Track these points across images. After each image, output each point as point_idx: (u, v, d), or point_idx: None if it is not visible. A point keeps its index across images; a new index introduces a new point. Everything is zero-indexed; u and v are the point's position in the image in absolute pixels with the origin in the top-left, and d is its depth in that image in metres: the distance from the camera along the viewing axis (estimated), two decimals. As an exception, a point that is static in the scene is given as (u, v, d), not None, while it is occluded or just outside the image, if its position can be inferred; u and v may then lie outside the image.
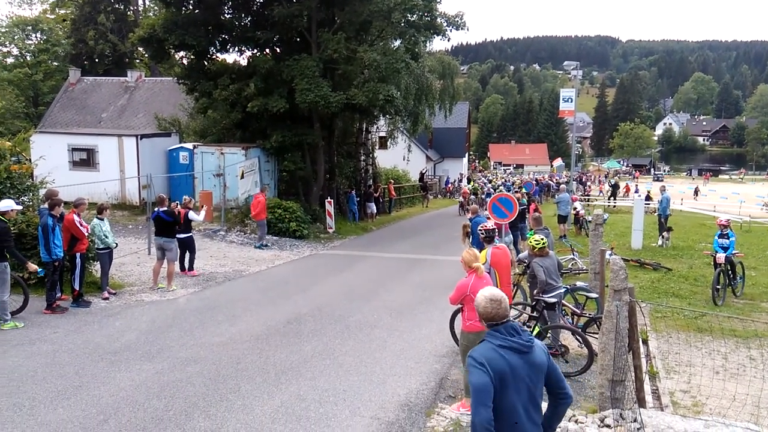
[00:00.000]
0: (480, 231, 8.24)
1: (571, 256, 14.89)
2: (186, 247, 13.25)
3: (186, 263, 13.40)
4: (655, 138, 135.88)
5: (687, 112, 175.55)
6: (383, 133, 30.69)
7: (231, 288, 12.43)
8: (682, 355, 8.45)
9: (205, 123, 23.37)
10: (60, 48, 46.53)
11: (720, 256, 11.84)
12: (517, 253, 13.36)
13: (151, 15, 39.27)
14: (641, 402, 6.26)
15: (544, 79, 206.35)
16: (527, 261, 9.33)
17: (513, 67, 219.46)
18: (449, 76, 31.10)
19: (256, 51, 21.43)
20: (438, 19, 21.34)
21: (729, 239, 12.09)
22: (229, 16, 21.42)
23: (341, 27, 19.84)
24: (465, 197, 31.84)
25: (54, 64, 47.41)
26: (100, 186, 18.02)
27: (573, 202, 21.58)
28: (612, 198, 37.23)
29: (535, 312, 8.40)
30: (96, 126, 29.44)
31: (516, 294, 10.03)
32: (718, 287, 11.59)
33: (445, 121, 36.88)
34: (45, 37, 48.12)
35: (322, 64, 19.30)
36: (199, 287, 12.30)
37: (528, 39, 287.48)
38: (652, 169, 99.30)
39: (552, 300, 8.10)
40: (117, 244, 11.63)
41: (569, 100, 29.22)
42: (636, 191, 44.99)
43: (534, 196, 31.27)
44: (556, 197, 26.75)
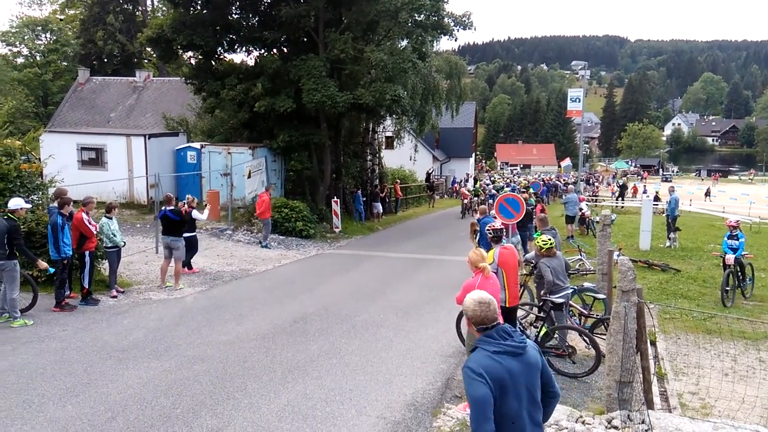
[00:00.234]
0: (488, 231, 8.23)
1: (579, 256, 14.85)
2: (189, 246, 13.29)
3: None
4: (664, 138, 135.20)
5: (696, 112, 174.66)
6: (390, 133, 30.63)
7: (238, 287, 12.48)
8: (690, 357, 8.40)
9: (213, 123, 23.48)
10: (69, 48, 46.86)
11: (729, 257, 11.77)
12: (525, 254, 13.33)
13: (160, 15, 39.47)
14: (649, 403, 6.23)
15: (551, 79, 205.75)
16: (534, 261, 9.31)
17: (520, 67, 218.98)
18: (456, 75, 31.02)
19: (263, 51, 21.49)
20: (445, 19, 21.30)
21: (738, 240, 12.02)
22: (237, 16, 21.49)
23: (348, 27, 19.87)
24: (466, 199, 29.67)
25: (63, 64, 47.75)
26: (108, 185, 18.15)
27: (580, 202, 21.49)
28: (620, 198, 37.07)
29: (542, 312, 8.38)
30: (104, 125, 29.60)
31: (523, 294, 10.01)
32: (727, 289, 11.53)
33: (452, 121, 36.79)
34: (54, 38, 48.48)
35: (329, 64, 19.32)
36: (206, 286, 12.35)
37: (535, 39, 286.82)
38: (660, 170, 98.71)
39: (559, 300, 8.08)
40: (125, 242, 11.71)
41: (577, 100, 29.18)
42: (644, 192, 44.80)
43: (541, 196, 31.15)
44: (563, 198, 26.69)
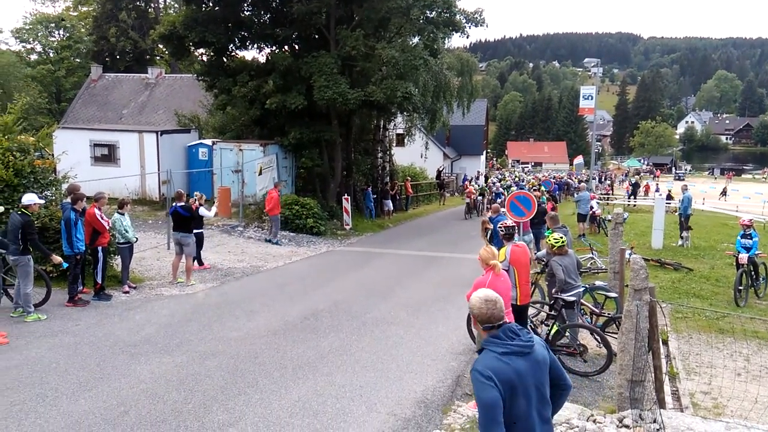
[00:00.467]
0: (500, 228, 8.22)
1: (590, 255, 14.78)
2: (196, 242, 13.32)
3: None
4: (677, 136, 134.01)
5: (710, 110, 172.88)
6: (401, 131, 30.54)
7: (249, 283, 12.53)
8: (703, 357, 8.34)
9: (224, 119, 23.57)
10: (82, 45, 47.27)
11: (742, 256, 11.67)
12: (537, 252, 13.29)
13: (172, 12, 39.69)
14: (661, 403, 6.19)
15: (563, 77, 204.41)
16: (546, 259, 9.28)
17: (532, 64, 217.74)
18: (467, 73, 30.87)
19: (274, 48, 21.52)
20: (457, 16, 21.24)
21: (752, 239, 11.92)
22: (249, 13, 21.53)
23: (360, 24, 19.86)
24: (471, 197, 28.02)
25: (76, 60, 48.18)
26: (120, 181, 18.28)
27: (591, 200, 21.37)
28: (632, 197, 36.83)
29: (554, 311, 8.35)
30: (117, 122, 29.81)
31: (534, 292, 9.98)
32: (740, 288, 11.44)
33: (463, 119, 36.60)
34: (68, 34, 48.93)
35: (340, 61, 19.32)
36: (218, 282, 12.42)
37: (547, 36, 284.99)
38: (673, 168, 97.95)
39: (571, 299, 8.05)
40: (137, 238, 11.77)
41: (589, 97, 28.91)
42: (657, 190, 44.49)
43: (553, 193, 30.92)
44: (575, 196, 26.55)
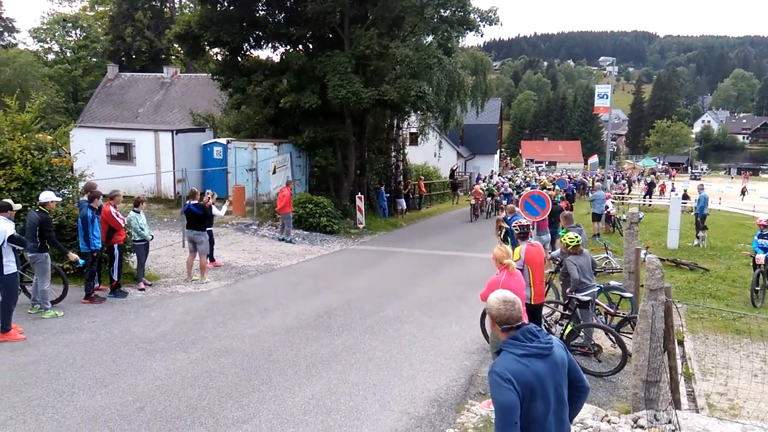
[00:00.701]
0: (514, 227, 8.20)
1: (605, 254, 14.69)
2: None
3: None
4: (693, 136, 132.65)
5: (726, 109, 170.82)
6: (414, 130, 30.56)
7: (263, 281, 12.60)
8: (718, 357, 8.26)
9: (239, 118, 23.70)
10: (98, 44, 47.79)
11: (760, 256, 11.55)
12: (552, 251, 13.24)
13: (187, 12, 39.97)
14: (676, 403, 6.15)
15: (578, 76, 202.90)
16: (560, 259, 9.23)
17: (546, 63, 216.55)
18: (481, 72, 30.79)
19: (289, 47, 21.59)
20: (471, 15, 21.15)
21: (769, 240, 11.78)
22: (263, 12, 21.62)
23: (374, 23, 19.87)
24: (478, 199, 26.37)
25: (93, 60, 48.72)
26: (136, 180, 18.44)
27: (606, 200, 21.23)
28: (647, 196, 36.50)
29: (568, 310, 8.31)
30: (133, 121, 30.08)
31: (548, 292, 9.94)
32: (757, 288, 11.34)
33: (477, 118, 36.53)
34: (84, 34, 49.51)
35: (354, 60, 19.34)
36: (232, 280, 12.50)
37: (562, 34, 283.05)
38: (689, 168, 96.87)
39: (585, 298, 8.00)
40: (153, 236, 11.90)
41: (604, 96, 28.77)
42: (672, 190, 44.08)
43: (568, 192, 30.69)
44: (590, 195, 26.35)
